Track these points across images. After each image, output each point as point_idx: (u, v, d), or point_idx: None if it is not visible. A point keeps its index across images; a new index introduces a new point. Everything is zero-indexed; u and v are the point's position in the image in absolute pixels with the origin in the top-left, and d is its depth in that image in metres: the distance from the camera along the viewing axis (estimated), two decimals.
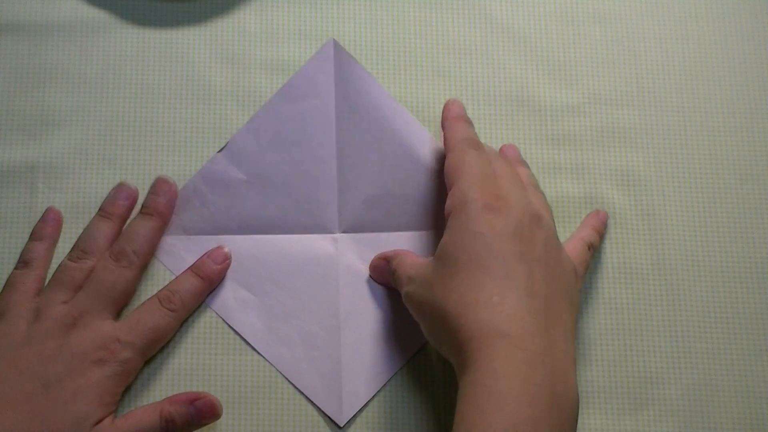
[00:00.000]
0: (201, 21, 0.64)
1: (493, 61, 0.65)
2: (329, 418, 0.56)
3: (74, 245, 0.58)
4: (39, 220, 0.59)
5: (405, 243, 0.60)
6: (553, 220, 0.56)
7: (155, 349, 0.56)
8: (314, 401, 0.56)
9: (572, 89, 0.64)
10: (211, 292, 0.58)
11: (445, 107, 0.59)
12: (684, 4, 0.67)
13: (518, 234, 0.51)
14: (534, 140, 0.63)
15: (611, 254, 0.61)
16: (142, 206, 0.59)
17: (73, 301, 0.55)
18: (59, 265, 0.57)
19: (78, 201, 0.60)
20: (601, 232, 0.60)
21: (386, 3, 0.65)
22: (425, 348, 0.58)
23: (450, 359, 0.50)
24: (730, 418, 0.57)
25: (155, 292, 0.57)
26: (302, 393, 0.57)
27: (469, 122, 0.58)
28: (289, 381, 0.57)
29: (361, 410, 0.56)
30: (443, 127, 0.58)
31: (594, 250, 0.58)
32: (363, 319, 0.58)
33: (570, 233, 0.61)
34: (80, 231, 0.59)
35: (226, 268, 0.58)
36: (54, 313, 0.54)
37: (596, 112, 0.64)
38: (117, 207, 0.58)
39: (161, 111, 0.62)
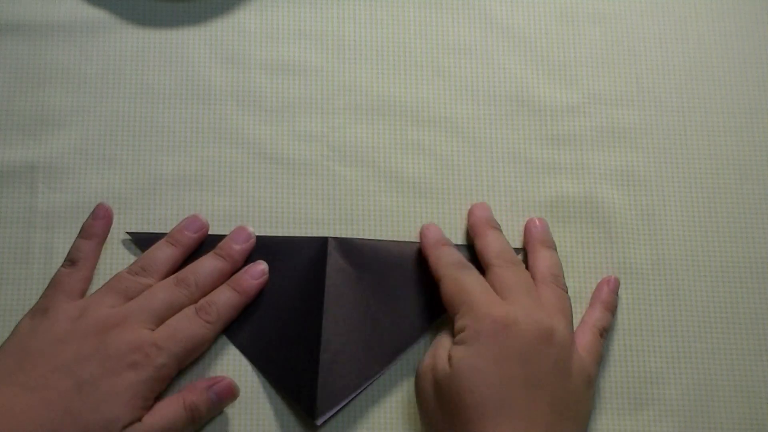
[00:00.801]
0: (201, 21, 0.64)
1: (493, 61, 0.65)
2: (305, 414, 0.56)
3: (135, 261, 0.57)
4: (89, 217, 0.59)
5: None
6: (571, 317, 0.55)
7: (190, 359, 0.55)
8: (289, 396, 0.56)
9: (572, 89, 0.64)
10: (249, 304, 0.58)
11: (421, 234, 0.59)
12: (684, 4, 0.67)
13: (524, 357, 0.51)
14: (534, 140, 0.63)
15: (611, 254, 0.61)
16: (218, 246, 0.58)
17: (120, 307, 0.55)
18: (116, 275, 0.57)
19: (78, 201, 0.60)
20: (614, 307, 0.59)
21: (386, 3, 0.65)
22: (407, 355, 0.58)
23: None
24: (730, 418, 0.57)
25: None
26: (276, 388, 0.56)
27: (449, 244, 0.59)
28: (264, 377, 0.57)
29: (337, 413, 0.56)
30: (426, 255, 0.58)
31: (607, 334, 0.58)
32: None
33: (570, 233, 0.61)
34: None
35: (263, 284, 0.58)
36: (98, 313, 0.54)
37: (596, 112, 0.64)
38: (184, 236, 0.58)
39: (161, 111, 0.62)
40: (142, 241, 0.59)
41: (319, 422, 0.55)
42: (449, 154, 0.62)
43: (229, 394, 0.55)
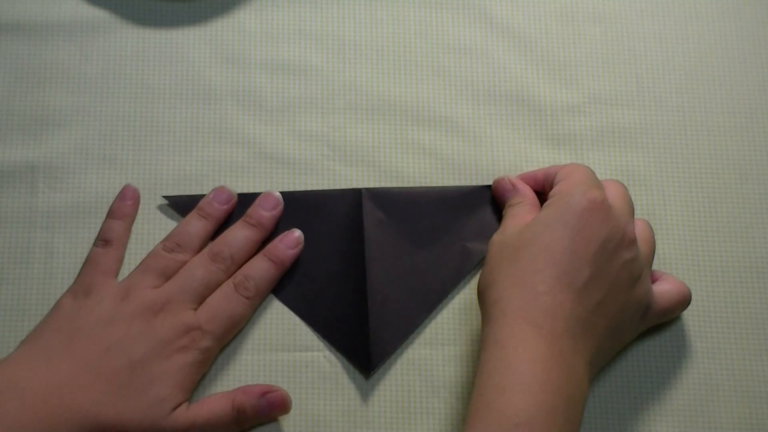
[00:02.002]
0: (201, 21, 0.64)
1: (493, 61, 0.65)
2: (356, 368, 0.57)
3: (168, 236, 0.58)
4: (116, 198, 0.59)
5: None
6: (651, 262, 0.56)
7: (231, 337, 0.56)
8: (341, 352, 0.57)
9: (572, 89, 0.64)
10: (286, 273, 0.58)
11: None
12: (684, 4, 0.67)
13: (603, 243, 0.51)
14: (534, 140, 0.63)
15: None
16: (246, 215, 0.59)
17: (162, 288, 0.55)
18: (152, 252, 0.57)
19: (78, 201, 0.60)
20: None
21: (386, 3, 0.65)
22: (452, 299, 0.59)
23: (481, 308, 0.52)
24: (730, 418, 0.57)
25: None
26: (329, 344, 0.57)
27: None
28: (315, 333, 0.58)
29: (387, 361, 0.57)
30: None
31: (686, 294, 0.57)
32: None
33: None
34: (82, 231, 0.59)
35: (298, 253, 0.58)
36: (142, 296, 0.55)
37: (596, 112, 0.64)
38: (214, 209, 0.59)
39: (161, 111, 0.62)
40: (179, 205, 0.60)
41: (369, 374, 0.56)
42: (449, 154, 0.62)
43: (280, 405, 0.54)
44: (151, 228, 0.60)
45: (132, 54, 0.63)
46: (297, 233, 0.59)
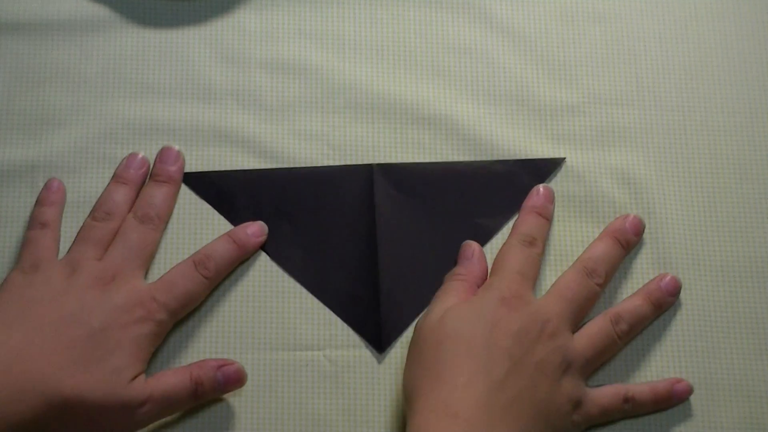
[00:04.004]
0: (201, 21, 0.64)
1: (493, 61, 0.65)
2: (369, 345, 0.57)
3: (94, 207, 0.59)
4: (42, 190, 0.59)
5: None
6: (588, 361, 0.55)
7: (185, 313, 0.57)
8: (354, 329, 0.58)
9: (572, 89, 0.64)
10: (244, 261, 0.59)
11: (530, 193, 0.60)
12: (684, 4, 0.67)
13: (519, 336, 0.52)
14: (534, 140, 0.63)
15: None
16: (152, 174, 0.60)
17: (106, 257, 0.56)
18: (83, 225, 0.58)
19: (78, 200, 0.60)
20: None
21: (386, 3, 0.66)
22: None
23: (405, 401, 0.52)
24: (730, 418, 0.57)
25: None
26: (342, 320, 0.58)
27: (542, 216, 0.60)
28: (328, 308, 0.58)
29: (388, 362, 0.57)
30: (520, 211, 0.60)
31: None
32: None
33: (570, 233, 0.61)
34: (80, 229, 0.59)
35: (261, 243, 0.59)
36: (89, 267, 0.55)
37: (596, 112, 0.64)
38: (131, 174, 0.60)
39: (161, 111, 0.62)
40: (193, 181, 0.60)
41: (382, 351, 0.57)
42: (449, 154, 0.62)
43: (236, 379, 0.55)
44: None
45: (132, 54, 0.63)
46: (262, 225, 0.59)
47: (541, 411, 0.51)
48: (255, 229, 0.59)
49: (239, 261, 0.58)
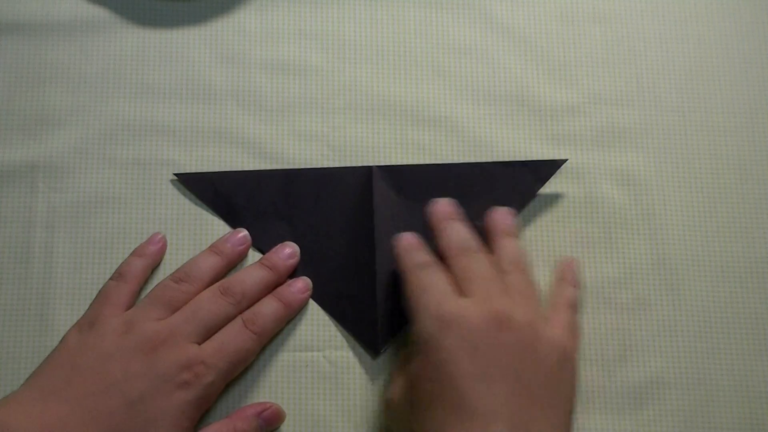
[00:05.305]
0: (201, 21, 0.64)
1: (493, 61, 0.65)
2: (364, 346, 0.58)
3: (178, 269, 0.57)
4: (144, 241, 0.59)
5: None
6: (536, 299, 0.54)
7: (236, 373, 0.55)
8: (349, 331, 0.58)
9: (572, 89, 0.64)
10: (292, 319, 0.58)
11: (433, 207, 0.58)
12: (684, 4, 0.67)
13: (475, 349, 0.50)
14: (534, 140, 0.63)
15: (611, 254, 0.61)
16: (263, 258, 0.59)
17: (167, 320, 0.54)
18: (160, 283, 0.56)
19: (78, 201, 0.60)
20: (578, 284, 0.58)
21: (386, 3, 0.66)
22: None
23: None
24: (730, 418, 0.57)
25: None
26: (337, 321, 0.58)
27: (456, 219, 0.57)
28: (323, 309, 0.58)
29: (388, 362, 0.57)
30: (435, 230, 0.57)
31: (577, 309, 0.57)
32: None
33: (570, 233, 0.61)
34: (82, 231, 0.59)
35: (308, 298, 0.58)
36: (145, 328, 0.53)
37: (596, 112, 0.64)
38: (227, 248, 0.58)
39: (161, 111, 0.62)
40: (190, 182, 0.60)
41: (378, 354, 0.57)
42: (449, 154, 0.62)
43: (276, 420, 0.55)
44: (162, 210, 0.60)
45: (132, 54, 0.63)
46: (307, 280, 0.59)
47: (547, 392, 0.50)
48: (300, 287, 0.58)
49: (287, 319, 0.57)
